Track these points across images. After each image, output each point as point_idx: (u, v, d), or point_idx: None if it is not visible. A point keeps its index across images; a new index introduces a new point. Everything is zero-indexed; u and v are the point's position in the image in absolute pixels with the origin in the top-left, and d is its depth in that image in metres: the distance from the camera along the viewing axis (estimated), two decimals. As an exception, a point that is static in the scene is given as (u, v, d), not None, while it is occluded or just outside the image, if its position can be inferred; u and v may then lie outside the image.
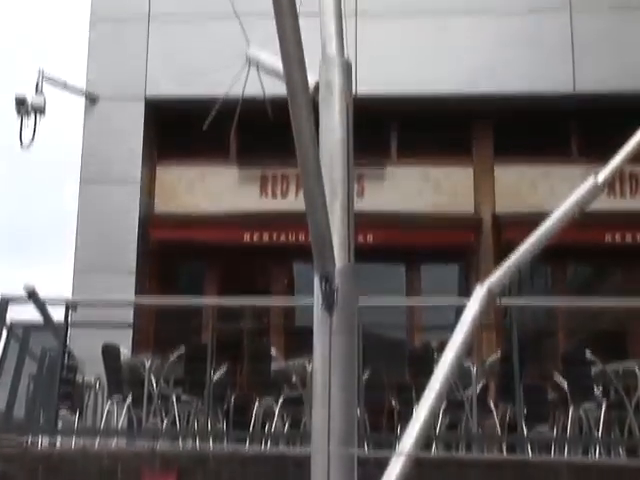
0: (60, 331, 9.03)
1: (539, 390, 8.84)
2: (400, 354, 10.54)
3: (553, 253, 3.97)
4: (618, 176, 11.36)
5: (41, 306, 9.26)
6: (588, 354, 8.61)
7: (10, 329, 9.55)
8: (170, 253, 12.85)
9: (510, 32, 12.63)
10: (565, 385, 8.68)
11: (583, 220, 3.33)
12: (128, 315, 11.44)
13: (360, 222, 3.53)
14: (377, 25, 12.58)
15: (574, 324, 12.30)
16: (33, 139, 12.33)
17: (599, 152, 4.25)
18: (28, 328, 9.93)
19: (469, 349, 3.21)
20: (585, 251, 12.14)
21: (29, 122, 12.33)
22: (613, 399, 8.60)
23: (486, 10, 12.74)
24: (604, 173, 3.24)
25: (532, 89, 12.45)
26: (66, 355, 9.02)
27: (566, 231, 3.24)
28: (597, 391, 8.64)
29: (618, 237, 12.19)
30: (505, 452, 8.43)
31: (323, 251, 3.16)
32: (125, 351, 10.12)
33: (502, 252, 10.84)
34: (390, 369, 9.50)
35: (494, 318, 10.25)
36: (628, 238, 12.22)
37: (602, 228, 11.93)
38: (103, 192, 12.52)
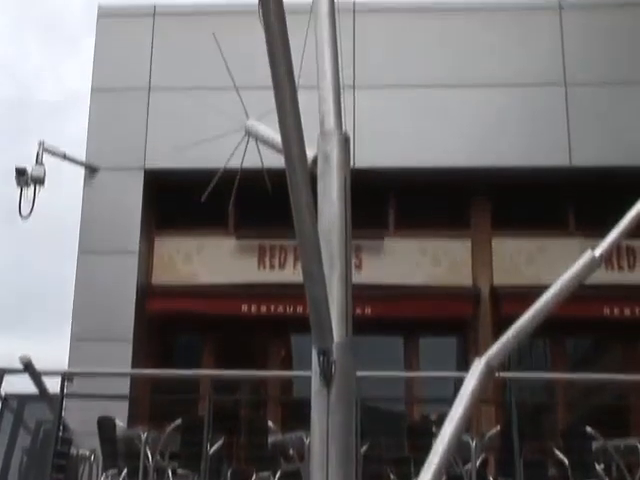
0: (55, 402, 8.93)
1: (539, 465, 8.73)
2: (399, 427, 10.42)
3: (552, 326, 3.96)
4: (616, 250, 11.38)
5: (36, 377, 9.18)
6: (589, 429, 8.52)
7: (5, 400, 9.44)
8: (167, 323, 12.81)
9: (507, 106, 12.78)
10: (566, 461, 8.56)
11: (582, 293, 3.32)
12: (124, 386, 11.35)
13: (358, 294, 3.52)
14: (375, 98, 12.74)
15: (574, 398, 12.20)
16: (32, 209, 12.38)
17: (596, 225, 4.27)
18: (23, 399, 9.81)
19: (468, 423, 3.18)
20: (584, 325, 12.10)
21: (29, 192, 12.39)
22: (615, 476, 8.49)
23: (483, 84, 12.92)
24: (602, 247, 3.24)
25: (529, 163, 12.55)
26: (61, 427, 8.90)
27: (565, 304, 3.23)
28: (598, 468, 8.51)
29: (617, 311, 12.17)
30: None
31: (321, 324, 3.15)
32: (121, 424, 10.00)
33: (500, 325, 10.79)
34: (389, 442, 9.38)
35: (493, 392, 10.17)
36: (627, 312, 12.20)
37: (601, 302, 11.92)
38: (101, 262, 12.52)
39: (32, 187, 12.39)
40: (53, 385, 9.23)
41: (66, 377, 9.18)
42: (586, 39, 13.05)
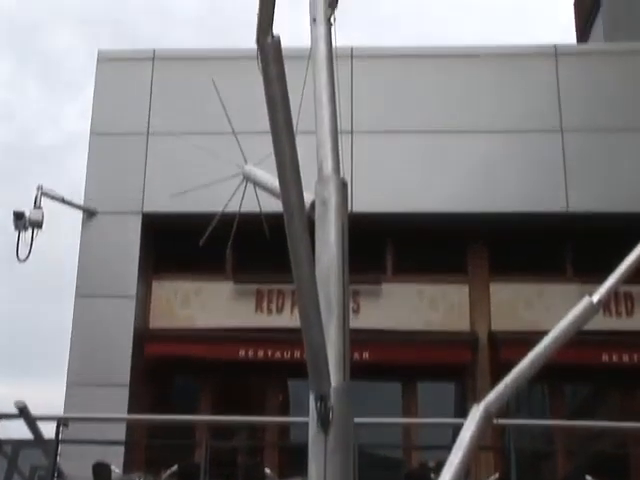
0: (50, 448, 8.85)
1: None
2: (397, 474, 10.34)
3: (550, 372, 3.94)
4: (613, 296, 11.37)
5: (31, 422, 9.11)
6: (588, 477, 8.45)
7: (-1, 446, 9.36)
8: (165, 368, 12.73)
9: (504, 152, 12.85)
10: (565, 509, 8.49)
11: (580, 340, 3.31)
12: (120, 431, 11.26)
13: (356, 339, 3.51)
14: (373, 143, 12.81)
15: (573, 446, 12.10)
16: (29, 253, 12.37)
17: (594, 271, 4.27)
18: (17, 445, 9.73)
19: (467, 470, 3.15)
20: (582, 371, 12.04)
21: (27, 236, 12.39)
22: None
23: (480, 130, 12.99)
24: (599, 293, 3.24)
25: (526, 208, 12.58)
26: (55, 473, 8.82)
27: (563, 351, 3.22)
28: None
29: (615, 357, 12.11)
30: None
31: (318, 369, 3.14)
32: (116, 470, 9.90)
33: (499, 370, 10.75)
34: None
35: (492, 438, 10.09)
36: (625, 358, 12.15)
37: (599, 348, 11.87)
38: (98, 306, 12.48)
39: (30, 231, 12.40)
40: (48, 430, 9.18)
41: (61, 422, 9.11)
42: (582, 86, 13.15)
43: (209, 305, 12.98)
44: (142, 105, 13.38)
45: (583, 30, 20.39)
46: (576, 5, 21.47)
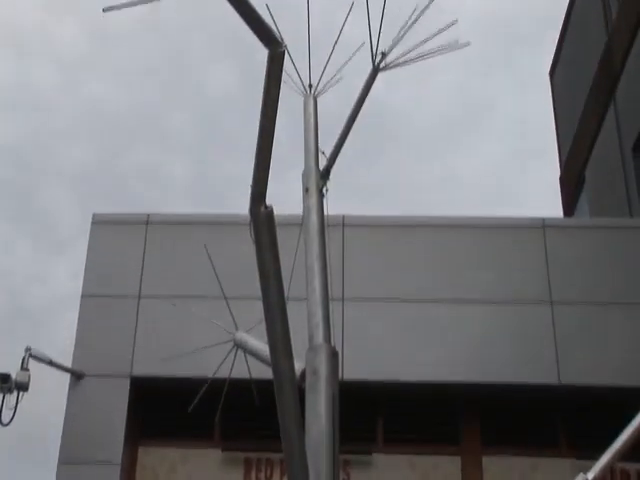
0: None
1: None
2: None
3: None
4: (609, 473, 11.15)
5: None
6: None
7: None
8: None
9: (494, 322, 12.87)
10: None
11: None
12: None
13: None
14: (364, 311, 12.84)
15: None
16: (13, 416, 12.15)
17: (588, 445, 4.20)
18: None
19: None
20: None
21: (11, 399, 12.20)
22: None
23: (470, 300, 13.06)
24: (594, 471, 3.18)
25: (517, 380, 12.49)
26: None
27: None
28: None
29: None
30: None
31: None
32: None
33: None
34: None
35: None
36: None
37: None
38: (81, 473, 12.15)
39: (15, 393, 12.22)
40: None
41: None
42: (570, 259, 13.33)
43: (196, 473, 12.65)
44: (134, 268, 13.47)
45: (569, 204, 20.90)
46: (562, 180, 22.06)
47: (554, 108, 23.08)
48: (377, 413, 13.14)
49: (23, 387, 12.29)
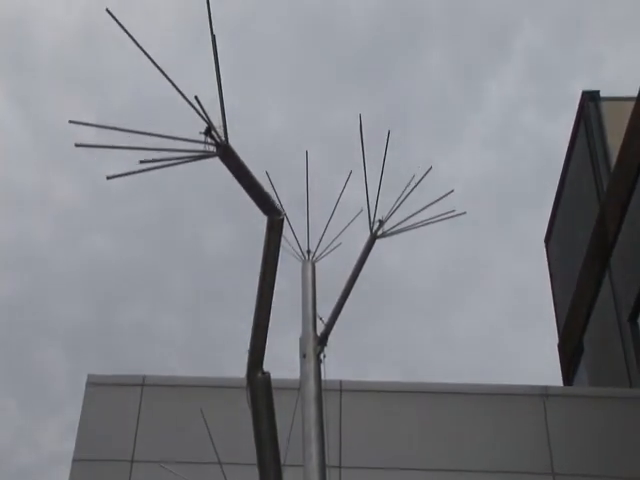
0: None
1: None
2: None
3: None
4: None
5: None
6: None
7: None
8: None
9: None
10: None
11: None
12: None
13: None
14: (361, 479, 12.58)
15: None
16: None
17: None
18: None
19: None
20: None
21: None
22: None
23: (471, 469, 12.79)
24: None
25: None
26: None
27: None
28: None
29: None
30: None
31: None
32: None
33: None
34: None
35: None
36: None
37: None
38: None
39: None
40: None
41: None
42: (571, 429, 13.16)
43: None
44: (128, 431, 13.25)
45: (568, 371, 20.77)
46: (560, 347, 22.01)
47: (550, 275, 23.24)
48: None
49: None
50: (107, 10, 4.07)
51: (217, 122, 4.39)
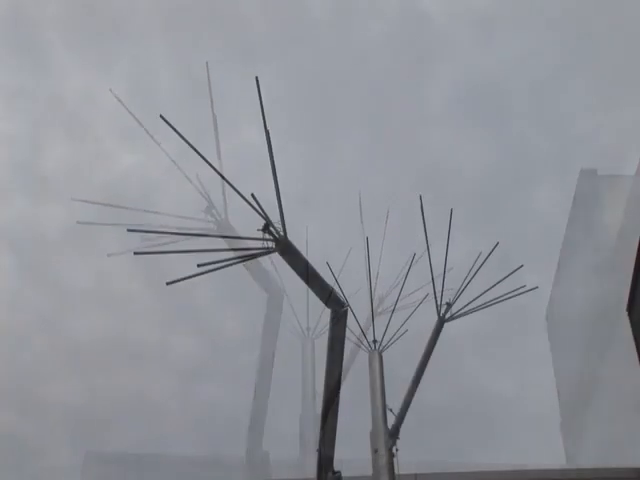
0: None
1: None
2: None
3: None
4: None
5: None
6: None
7: None
8: None
9: None
10: None
11: None
12: None
13: None
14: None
15: None
16: None
17: None
18: None
19: None
20: None
21: None
22: None
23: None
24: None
25: None
26: None
27: None
28: None
29: None
30: None
31: None
32: None
33: None
34: None
35: None
36: None
37: None
38: None
39: None
40: None
41: None
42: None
43: None
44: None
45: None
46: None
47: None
48: None
49: None
50: (161, 116, 4.13)
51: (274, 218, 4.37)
